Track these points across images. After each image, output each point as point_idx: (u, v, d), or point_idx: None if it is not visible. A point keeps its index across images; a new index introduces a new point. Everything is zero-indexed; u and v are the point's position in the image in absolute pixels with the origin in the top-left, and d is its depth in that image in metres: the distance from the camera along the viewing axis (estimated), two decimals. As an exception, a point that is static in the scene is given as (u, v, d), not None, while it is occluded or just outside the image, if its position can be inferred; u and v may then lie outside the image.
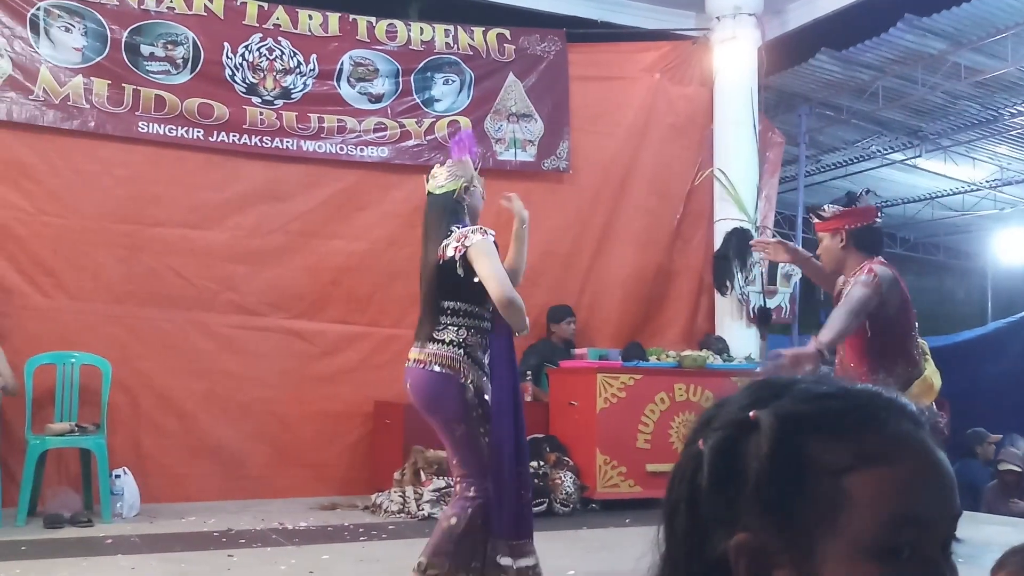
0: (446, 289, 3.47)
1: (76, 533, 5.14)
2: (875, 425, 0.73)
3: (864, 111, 9.19)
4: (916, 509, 0.71)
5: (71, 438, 5.62)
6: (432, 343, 3.45)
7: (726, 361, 6.96)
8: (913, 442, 0.73)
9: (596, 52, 7.68)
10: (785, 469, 0.72)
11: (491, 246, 3.42)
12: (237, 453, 6.35)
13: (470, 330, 3.47)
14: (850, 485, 0.71)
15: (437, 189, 3.64)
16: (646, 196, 7.68)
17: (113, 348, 5.97)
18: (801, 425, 0.73)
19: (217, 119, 6.38)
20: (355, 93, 6.80)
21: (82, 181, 6.13)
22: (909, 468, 0.72)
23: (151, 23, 6.28)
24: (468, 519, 3.39)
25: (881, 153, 10.34)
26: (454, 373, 3.40)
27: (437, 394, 3.43)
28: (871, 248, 4.05)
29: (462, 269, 3.40)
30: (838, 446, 0.72)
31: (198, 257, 6.36)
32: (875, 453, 0.72)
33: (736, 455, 0.74)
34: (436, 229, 3.55)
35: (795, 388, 0.76)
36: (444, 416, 3.44)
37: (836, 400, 0.75)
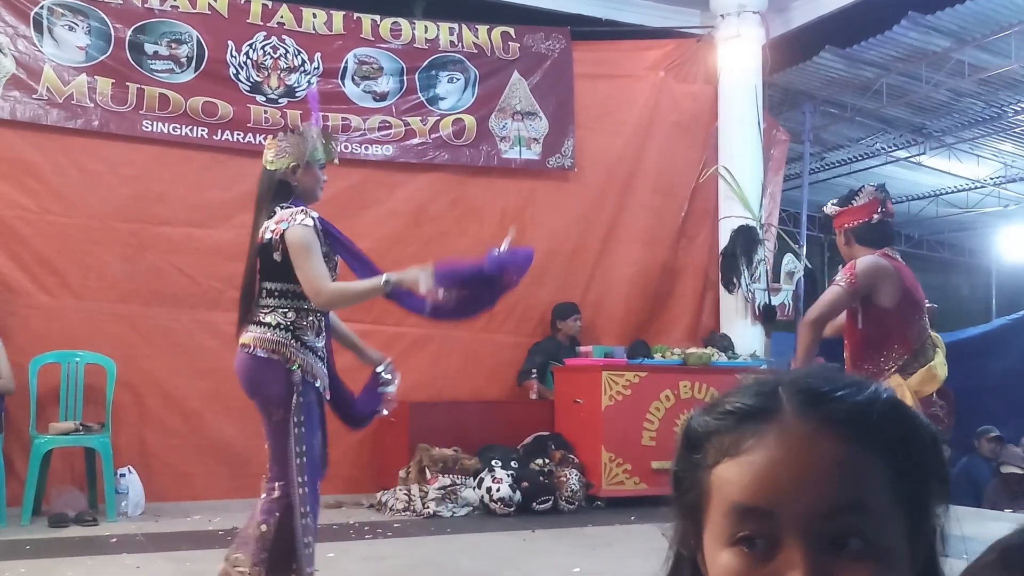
0: (266, 270, 3.27)
1: (81, 532, 5.14)
2: (750, 420, 0.75)
3: (868, 108, 9.18)
4: (752, 498, 0.72)
5: (76, 437, 5.59)
6: (257, 326, 3.26)
7: (731, 359, 6.93)
8: (781, 432, 0.73)
9: (600, 50, 7.63)
10: (682, 467, 0.79)
11: (308, 238, 3.18)
12: (242, 451, 6.23)
13: (297, 312, 3.26)
14: (712, 478, 0.75)
15: (268, 164, 3.36)
16: (651, 194, 7.64)
17: (118, 347, 5.93)
18: (701, 427, 0.78)
19: (221, 118, 6.34)
20: (360, 91, 6.76)
21: (86, 180, 6.09)
22: (758, 457, 0.73)
23: (155, 22, 6.24)
24: (277, 524, 3.21)
25: (885, 150, 10.34)
26: (279, 358, 3.21)
27: (259, 379, 3.26)
28: (875, 243, 3.99)
29: (279, 254, 3.20)
30: (715, 443, 0.76)
31: (203, 256, 6.31)
32: (733, 445, 0.74)
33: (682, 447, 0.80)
34: (261, 208, 3.32)
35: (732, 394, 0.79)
36: (264, 402, 3.26)
37: (737, 398, 0.77)
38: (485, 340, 6.95)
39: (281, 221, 3.20)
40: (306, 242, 3.17)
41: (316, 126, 3.47)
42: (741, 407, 0.76)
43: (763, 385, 0.77)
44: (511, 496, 5.81)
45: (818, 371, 0.79)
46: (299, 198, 3.32)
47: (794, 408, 0.74)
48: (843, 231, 4.06)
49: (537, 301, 7.08)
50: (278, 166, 3.33)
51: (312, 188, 3.38)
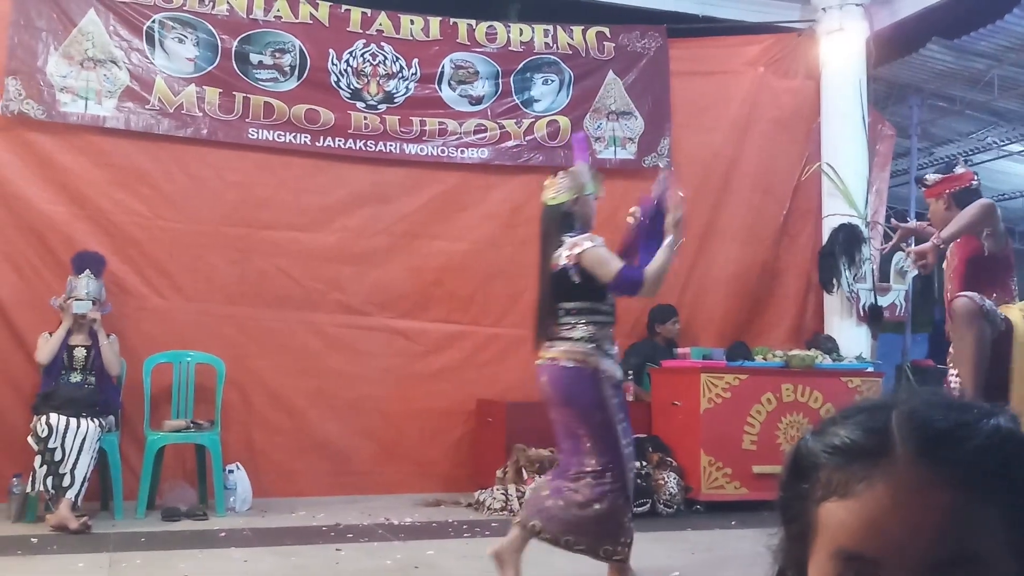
0: (563, 293, 3.71)
1: (192, 526, 5.24)
2: (860, 458, 0.72)
3: (979, 101, 8.73)
4: (859, 546, 0.70)
5: (187, 434, 5.74)
6: (563, 341, 3.68)
7: (836, 361, 6.72)
8: (891, 477, 0.70)
9: (697, 47, 7.48)
10: (790, 492, 0.76)
11: (603, 252, 3.67)
12: (344, 449, 6.39)
13: (596, 325, 3.70)
14: (820, 514, 0.73)
15: (550, 200, 3.86)
16: (750, 192, 7.45)
17: (226, 347, 6.07)
18: (809, 455, 0.76)
19: (323, 124, 6.43)
20: (456, 96, 6.78)
21: (195, 187, 6.25)
22: (867, 502, 0.70)
23: (259, 32, 6.37)
24: (611, 504, 3.65)
25: (997, 144, 9.83)
26: (586, 366, 3.63)
27: (571, 387, 3.65)
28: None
29: (577, 276, 3.65)
30: (823, 478, 0.73)
31: (306, 259, 6.42)
32: (840, 485, 0.72)
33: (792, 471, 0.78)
34: (549, 239, 3.79)
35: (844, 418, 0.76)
36: (580, 407, 3.65)
37: (846, 431, 0.74)
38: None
39: (574, 247, 3.68)
40: (602, 256, 3.68)
41: (585, 163, 3.97)
42: (851, 444, 0.73)
43: (875, 419, 0.73)
44: None
45: (935, 402, 0.74)
46: (580, 225, 3.81)
47: (908, 451, 0.70)
48: (946, 196, 4.39)
49: (633, 302, 6.89)
50: (560, 200, 3.84)
51: (589, 216, 3.88)
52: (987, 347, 3.97)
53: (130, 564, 4.29)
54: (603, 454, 3.65)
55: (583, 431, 3.66)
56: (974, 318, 3.96)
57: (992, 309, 4.04)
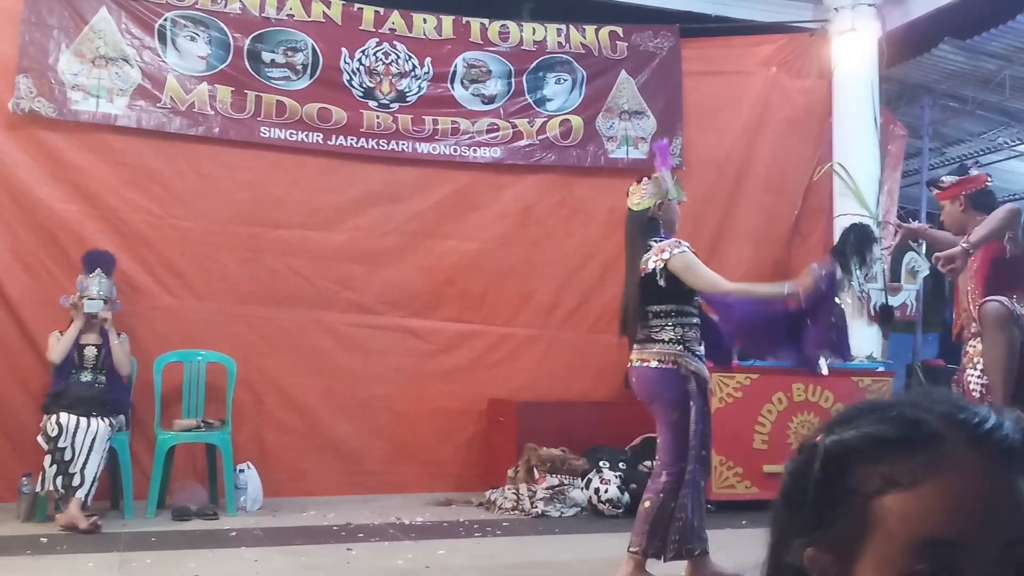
0: (651, 296, 3.80)
1: (202, 525, 5.19)
2: (915, 449, 0.73)
3: (990, 102, 8.65)
4: (945, 531, 0.70)
5: (197, 433, 5.67)
6: (652, 343, 3.81)
7: (846, 361, 6.53)
8: (953, 463, 0.72)
9: (710, 47, 7.39)
10: (828, 491, 0.75)
11: (690, 257, 3.75)
12: (355, 449, 6.32)
13: (684, 327, 3.81)
14: (878, 508, 0.72)
15: (635, 206, 3.94)
16: (762, 192, 7.36)
17: (237, 346, 6.00)
18: (847, 451, 0.75)
19: (335, 123, 6.35)
20: (468, 95, 6.69)
21: (207, 185, 6.17)
22: (940, 490, 0.71)
23: (272, 30, 6.28)
24: (660, 502, 3.74)
25: (1008, 145, 9.72)
26: (674, 366, 3.76)
27: (657, 386, 3.80)
28: (987, 208, 4.31)
29: (664, 280, 3.74)
30: (873, 470, 0.73)
31: (318, 258, 6.35)
32: (904, 476, 0.72)
33: (806, 477, 0.77)
34: (635, 243, 3.88)
35: (870, 413, 0.78)
36: (662, 404, 3.81)
37: (887, 426, 0.75)
38: (593, 341, 6.81)
39: (662, 252, 3.77)
40: (689, 260, 3.76)
41: (668, 169, 3.98)
42: (904, 437, 0.74)
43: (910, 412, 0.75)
44: (619, 497, 5.68)
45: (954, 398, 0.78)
46: (665, 229, 3.90)
47: (959, 440, 0.73)
48: (962, 197, 4.39)
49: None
50: (645, 206, 3.91)
51: (673, 220, 3.97)
52: (1017, 351, 3.98)
53: (140, 564, 4.24)
54: (668, 452, 3.78)
55: (660, 427, 3.83)
56: (1006, 323, 3.99)
57: (1022, 313, 4.05)
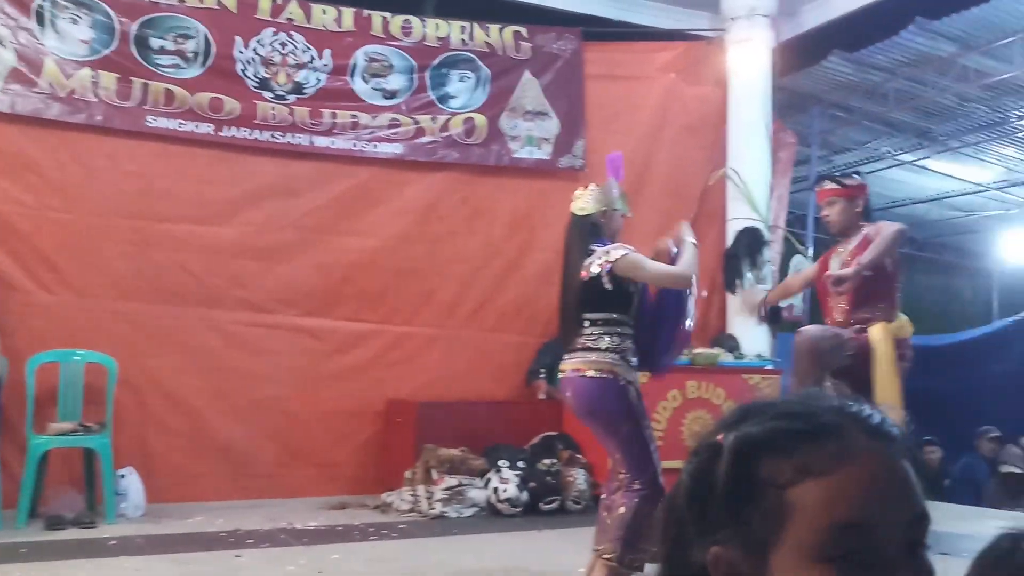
0: (592, 302, 3.64)
1: (78, 534, 4.88)
2: (821, 440, 0.76)
3: (875, 112, 9.04)
4: (857, 515, 0.73)
5: (74, 437, 5.28)
6: (588, 352, 3.62)
7: (737, 359, 6.86)
8: (857, 452, 0.76)
9: (612, 51, 7.38)
10: (739, 485, 0.76)
11: (637, 255, 3.62)
12: (246, 452, 6.04)
13: (621, 336, 3.64)
14: (793, 497, 0.74)
15: (579, 211, 3.80)
16: (661, 196, 7.39)
17: (119, 346, 5.62)
18: (755, 446, 0.77)
19: (228, 114, 6.03)
20: (369, 89, 6.46)
21: (88, 176, 5.79)
22: (849, 477, 0.74)
23: (161, 16, 5.93)
24: (635, 509, 3.56)
25: (891, 154, 10.17)
26: (613, 376, 3.58)
27: (598, 398, 3.61)
28: (870, 216, 4.58)
29: (610, 283, 3.58)
30: (784, 463, 0.75)
31: (207, 253, 6.04)
32: (815, 466, 0.74)
33: (709, 476, 0.78)
34: (576, 248, 3.72)
35: (764, 411, 0.80)
36: (607, 418, 3.62)
37: (789, 420, 0.78)
38: (493, 340, 6.70)
39: (607, 254, 3.61)
40: (636, 259, 3.60)
41: (617, 181, 3.88)
42: (806, 428, 0.77)
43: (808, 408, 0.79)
44: (518, 496, 5.65)
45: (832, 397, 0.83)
46: (608, 239, 3.74)
47: (858, 430, 0.77)
48: (861, 199, 4.51)
49: (547, 302, 6.77)
50: (590, 211, 3.76)
51: (615, 232, 3.82)
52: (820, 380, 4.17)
53: None
54: (632, 464, 3.60)
55: (612, 441, 3.65)
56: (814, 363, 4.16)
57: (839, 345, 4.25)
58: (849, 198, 4.51)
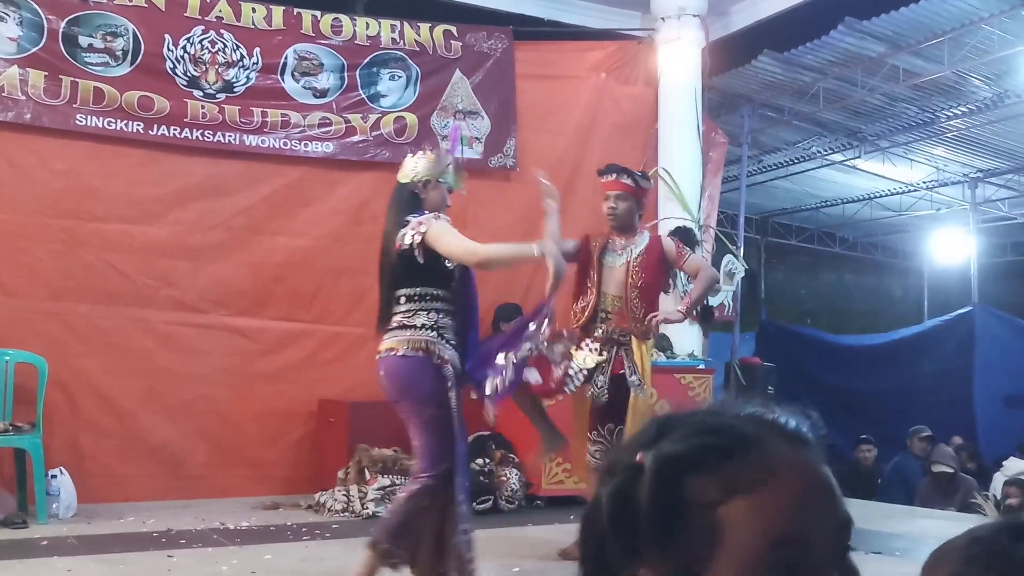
0: (407, 276, 3.53)
1: (10, 535, 5.07)
2: (745, 455, 0.76)
3: (805, 112, 9.33)
4: (791, 528, 0.74)
5: (5, 437, 5.50)
6: (403, 329, 3.51)
7: (669, 358, 7.06)
8: (784, 464, 0.77)
9: (543, 51, 7.70)
10: (666, 508, 0.76)
11: (447, 225, 3.49)
12: (177, 452, 6.26)
13: (439, 312, 3.54)
14: (724, 516, 0.74)
15: (402, 178, 3.71)
16: (592, 194, 7.52)
17: (50, 345, 5.85)
18: (678, 465, 0.76)
19: (157, 112, 6.27)
20: (299, 87, 6.73)
21: (17, 174, 5.99)
22: (779, 490, 0.75)
23: (89, 13, 6.15)
24: (412, 499, 3.47)
25: (821, 154, 10.50)
26: (428, 355, 3.46)
27: (410, 379, 3.48)
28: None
29: (422, 256, 3.46)
30: (710, 481, 0.75)
31: (138, 253, 6.26)
32: (743, 482, 0.75)
33: (630, 497, 0.77)
34: (393, 218, 3.61)
35: (681, 426, 0.80)
36: (415, 399, 3.48)
37: (710, 436, 0.78)
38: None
39: (420, 224, 3.47)
40: (444, 227, 3.48)
41: (452, 155, 3.86)
42: (725, 443, 0.77)
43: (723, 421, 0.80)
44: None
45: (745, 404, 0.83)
46: (426, 211, 3.60)
47: (777, 440, 0.78)
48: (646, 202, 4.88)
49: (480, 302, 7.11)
50: (412, 179, 3.65)
51: (439, 205, 3.67)
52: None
53: None
54: (428, 452, 3.46)
55: (415, 428, 3.49)
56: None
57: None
58: (638, 199, 4.78)
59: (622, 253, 4.74)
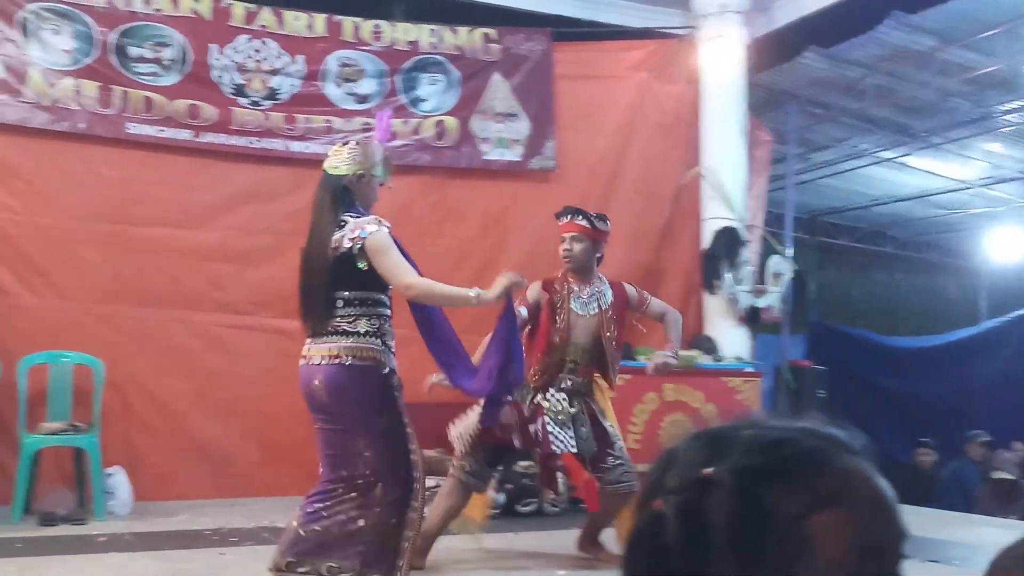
0: (344, 280, 3.38)
1: (70, 531, 5.31)
2: (822, 466, 0.79)
3: (853, 109, 9.25)
4: (874, 539, 0.77)
5: (64, 437, 5.80)
6: (344, 336, 3.36)
7: (716, 361, 7.14)
8: (858, 476, 0.80)
9: (582, 51, 7.82)
10: (750, 522, 0.77)
11: (387, 239, 3.35)
12: (226, 451, 6.53)
13: (381, 318, 3.42)
14: (812, 528, 0.76)
15: (331, 170, 3.53)
16: (633, 195, 7.81)
17: (104, 347, 6.15)
18: (757, 478, 0.78)
19: (205, 120, 6.59)
20: (341, 94, 7.00)
21: (71, 182, 6.34)
22: (861, 502, 0.78)
23: (139, 25, 6.49)
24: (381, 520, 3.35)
25: (870, 151, 10.40)
26: (375, 364, 3.35)
27: (355, 389, 3.34)
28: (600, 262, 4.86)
29: (363, 262, 3.34)
30: (794, 493, 0.77)
31: (186, 257, 6.56)
32: (828, 494, 0.77)
33: (699, 513, 0.78)
34: (326, 214, 3.45)
35: (742, 439, 0.81)
36: (360, 410, 3.36)
37: (783, 448, 0.80)
38: (469, 342, 6.85)
39: (358, 229, 3.34)
40: (387, 243, 3.34)
41: (383, 144, 3.75)
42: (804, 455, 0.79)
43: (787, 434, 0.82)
44: (495, 498, 5.87)
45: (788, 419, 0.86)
46: (361, 205, 3.50)
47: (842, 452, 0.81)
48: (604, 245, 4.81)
49: (522, 304, 7.30)
50: (344, 172, 3.50)
51: (370, 198, 3.58)
52: None
53: (5, 571, 4.37)
54: (386, 465, 3.36)
55: (363, 439, 3.36)
56: None
57: None
58: (594, 241, 4.71)
59: (590, 301, 4.72)
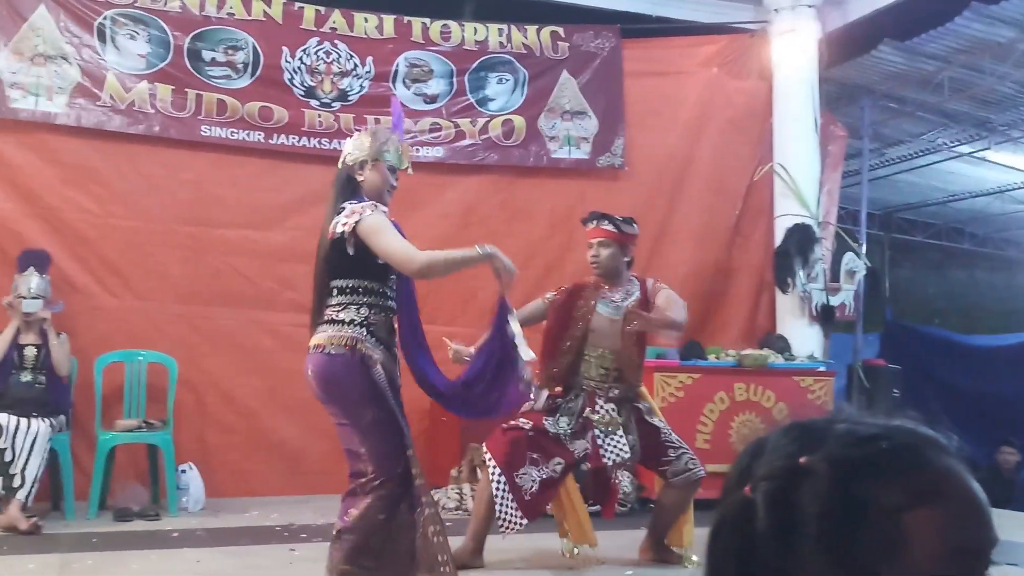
0: (339, 267, 3.31)
1: (144, 526, 5.44)
2: (920, 463, 0.78)
3: (930, 103, 9.10)
4: (967, 541, 0.77)
5: (139, 434, 5.95)
6: (331, 325, 3.29)
7: (788, 360, 7.04)
8: (955, 476, 0.79)
9: (651, 47, 7.78)
10: (845, 513, 0.76)
11: (382, 219, 3.25)
12: (298, 449, 6.61)
13: (371, 308, 3.31)
14: (907, 523, 0.76)
15: (341, 161, 3.53)
16: (704, 192, 7.76)
17: (179, 346, 6.29)
18: (854, 469, 0.77)
19: (277, 122, 6.68)
20: (410, 94, 7.04)
21: (147, 184, 6.47)
22: (957, 502, 0.77)
23: (212, 29, 6.61)
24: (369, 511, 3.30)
25: (948, 146, 10.21)
26: (354, 354, 3.23)
27: (338, 380, 3.26)
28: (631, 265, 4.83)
29: (352, 246, 3.24)
30: (891, 486, 0.77)
31: (259, 257, 6.66)
32: (926, 490, 0.77)
33: (791, 502, 0.78)
34: (331, 203, 3.40)
35: (837, 431, 0.81)
36: (347, 401, 3.28)
37: (881, 441, 0.79)
38: (535, 339, 7.10)
39: (352, 215, 3.24)
40: (381, 223, 3.22)
41: (394, 131, 3.63)
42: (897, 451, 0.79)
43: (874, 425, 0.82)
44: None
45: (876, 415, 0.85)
46: (367, 196, 3.39)
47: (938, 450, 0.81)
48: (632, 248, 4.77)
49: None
50: (347, 160, 3.46)
51: (379, 187, 3.43)
52: None
53: (81, 565, 4.46)
54: (378, 457, 3.30)
55: (356, 433, 3.30)
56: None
57: None
58: (622, 245, 4.65)
59: (621, 304, 4.68)
